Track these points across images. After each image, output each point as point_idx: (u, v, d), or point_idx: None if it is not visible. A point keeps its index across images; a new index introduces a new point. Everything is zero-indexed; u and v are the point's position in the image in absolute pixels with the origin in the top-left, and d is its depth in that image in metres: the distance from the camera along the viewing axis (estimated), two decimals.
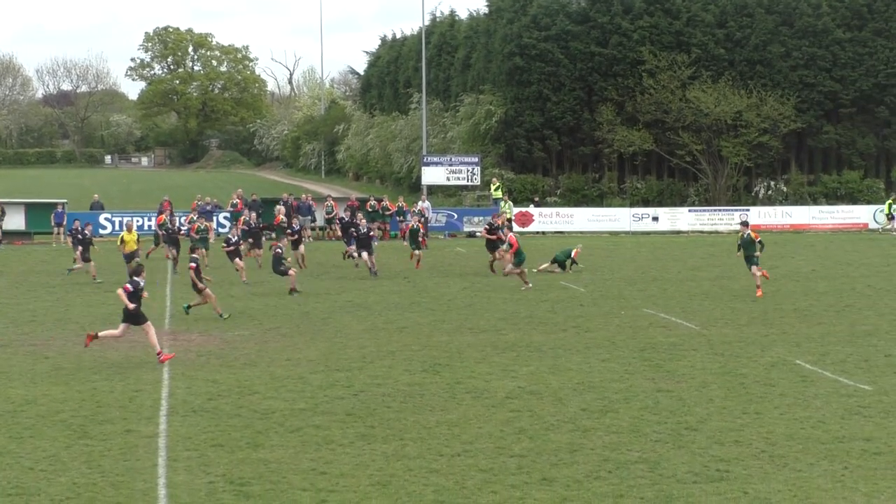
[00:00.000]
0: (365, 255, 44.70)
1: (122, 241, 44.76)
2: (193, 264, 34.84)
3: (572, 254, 46.00)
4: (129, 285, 27.05)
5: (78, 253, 45.10)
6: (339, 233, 56.24)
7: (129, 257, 42.85)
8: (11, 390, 23.95)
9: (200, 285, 34.32)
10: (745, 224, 41.21)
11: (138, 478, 17.57)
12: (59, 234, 61.04)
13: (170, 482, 17.29)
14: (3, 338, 30.79)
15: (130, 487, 17.11)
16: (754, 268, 38.60)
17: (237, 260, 42.86)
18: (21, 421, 21.23)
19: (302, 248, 47.78)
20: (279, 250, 40.16)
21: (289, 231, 47.61)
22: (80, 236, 45.33)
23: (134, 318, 27.02)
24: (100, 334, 27.49)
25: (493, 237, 44.81)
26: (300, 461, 18.41)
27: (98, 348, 28.78)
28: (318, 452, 18.93)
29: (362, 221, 46.82)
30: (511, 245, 41.00)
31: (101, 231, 61.09)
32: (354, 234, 45.76)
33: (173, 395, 23.39)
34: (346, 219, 53.07)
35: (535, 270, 44.01)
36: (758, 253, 38.57)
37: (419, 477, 17.57)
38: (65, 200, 65.32)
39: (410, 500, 16.52)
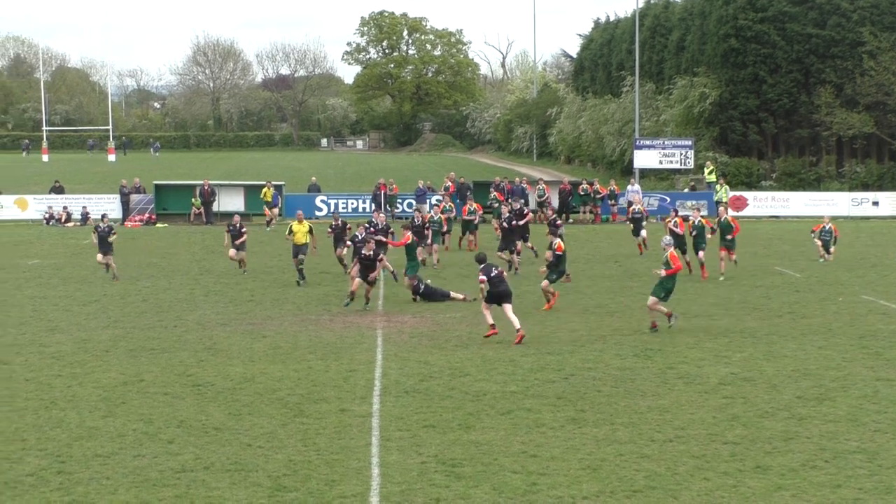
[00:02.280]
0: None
1: (291, 231, 38.75)
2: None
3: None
4: (482, 275, 27.69)
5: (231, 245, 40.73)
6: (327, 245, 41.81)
7: (297, 251, 38.41)
8: (231, 368, 24.61)
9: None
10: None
11: (352, 456, 17.88)
12: (277, 215, 62.37)
13: (383, 461, 17.55)
14: (223, 317, 31.63)
15: (344, 465, 17.41)
16: (701, 254, 39.26)
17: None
18: (240, 398, 21.80)
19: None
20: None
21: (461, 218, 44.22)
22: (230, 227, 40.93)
23: (494, 298, 27.68)
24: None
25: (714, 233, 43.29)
26: (511, 444, 18.49)
27: (313, 328, 29.38)
28: (529, 435, 18.99)
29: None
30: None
31: (316, 213, 62.14)
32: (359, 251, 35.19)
33: (386, 375, 23.73)
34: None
35: (821, 260, 43.14)
36: (709, 236, 39.59)
37: (630, 462, 17.49)
38: (281, 182, 66.53)
39: (621, 484, 16.45)
